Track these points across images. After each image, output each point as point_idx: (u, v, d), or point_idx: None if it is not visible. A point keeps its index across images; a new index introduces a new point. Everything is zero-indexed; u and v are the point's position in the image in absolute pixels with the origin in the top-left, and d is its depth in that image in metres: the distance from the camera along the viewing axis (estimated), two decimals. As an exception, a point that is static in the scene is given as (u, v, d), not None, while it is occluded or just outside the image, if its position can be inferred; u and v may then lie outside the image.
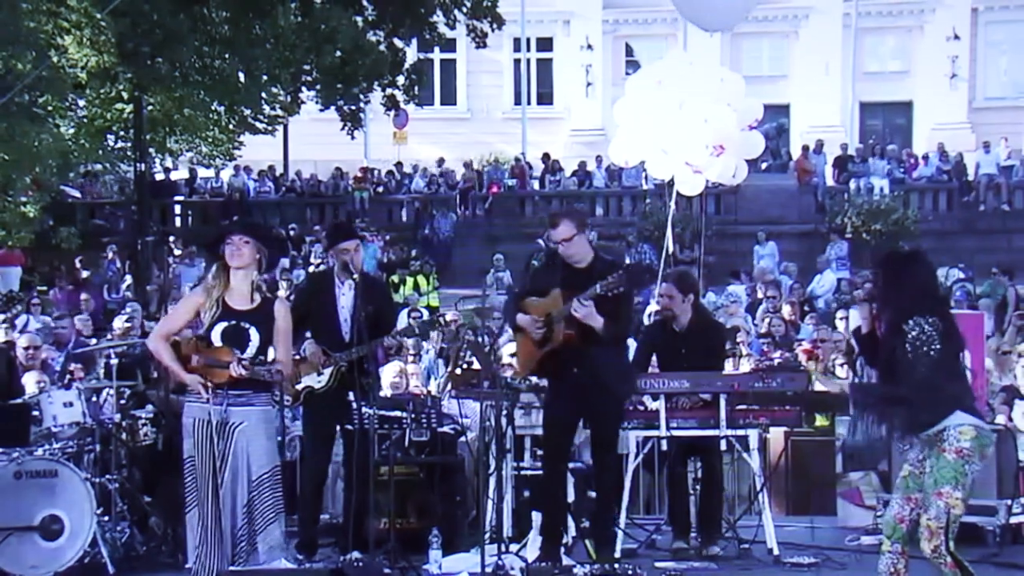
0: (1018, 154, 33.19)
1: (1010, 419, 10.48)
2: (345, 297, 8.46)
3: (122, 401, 9.22)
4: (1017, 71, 37.32)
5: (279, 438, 8.13)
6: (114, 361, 9.22)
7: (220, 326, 7.21)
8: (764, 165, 30.70)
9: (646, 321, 13.45)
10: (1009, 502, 8.36)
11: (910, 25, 39.56)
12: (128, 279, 24.99)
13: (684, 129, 12.72)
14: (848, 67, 37.82)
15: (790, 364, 12.35)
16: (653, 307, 15.05)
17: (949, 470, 6.23)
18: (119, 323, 14.06)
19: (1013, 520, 8.41)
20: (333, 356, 8.33)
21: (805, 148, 33.11)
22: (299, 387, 8.41)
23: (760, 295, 20.51)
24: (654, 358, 8.95)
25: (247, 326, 7.24)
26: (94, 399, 9.30)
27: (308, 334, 8.55)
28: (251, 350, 7.21)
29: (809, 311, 18.55)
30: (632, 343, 9.31)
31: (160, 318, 11.33)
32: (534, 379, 8.43)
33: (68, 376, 11.31)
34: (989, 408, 10.07)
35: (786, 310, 17.42)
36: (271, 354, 7.36)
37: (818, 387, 11.08)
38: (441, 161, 34.77)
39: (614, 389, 8.00)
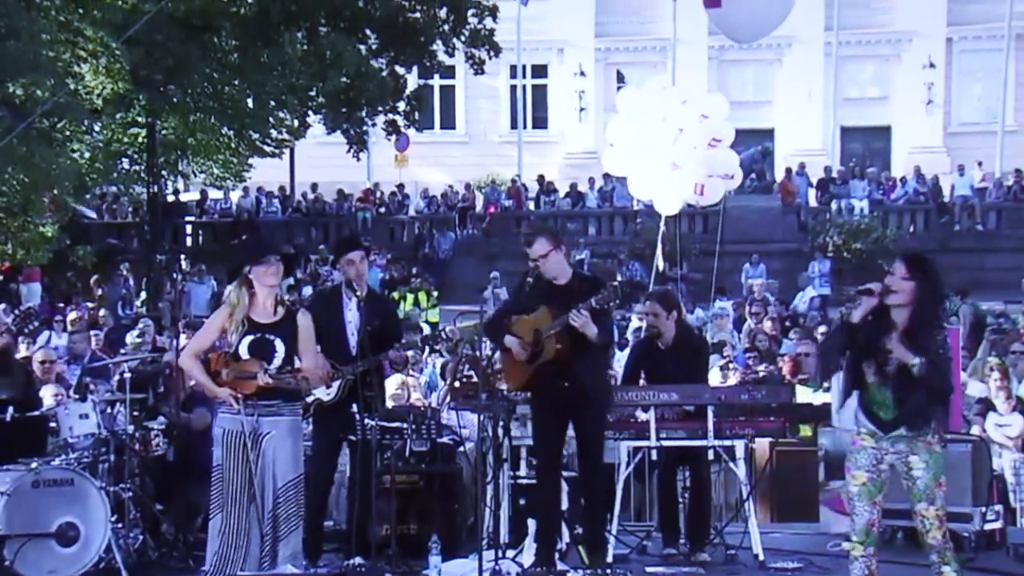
0: (991, 177, 33.28)
1: (984, 430, 10.50)
2: (352, 312, 8.46)
3: (135, 413, 9.21)
4: (990, 97, 37.39)
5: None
6: (127, 375, 9.21)
7: (247, 340, 7.29)
8: (750, 187, 30.76)
9: (630, 335, 13.46)
10: (984, 509, 8.36)
11: (888, 54, 39.67)
12: (141, 296, 24.99)
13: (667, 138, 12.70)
14: (829, 93, 37.90)
15: (775, 377, 12.36)
16: (636, 322, 15.09)
17: (941, 461, 6.29)
18: (131, 338, 14.06)
19: (988, 526, 8.40)
20: (341, 370, 8.33)
21: (788, 170, 33.17)
22: (309, 400, 8.42)
23: (747, 311, 20.49)
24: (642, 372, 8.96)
25: (272, 338, 7.32)
26: (108, 411, 9.28)
27: (317, 348, 8.55)
28: (277, 361, 7.29)
29: (792, 327, 18.53)
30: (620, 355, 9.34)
31: (171, 333, 11.34)
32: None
33: (84, 389, 11.29)
34: (965, 420, 10.09)
35: (768, 325, 17.41)
36: (297, 364, 7.42)
37: (800, 399, 11.07)
38: (449, 188, 34.73)
39: (597, 398, 8.01)
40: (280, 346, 7.32)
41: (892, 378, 6.26)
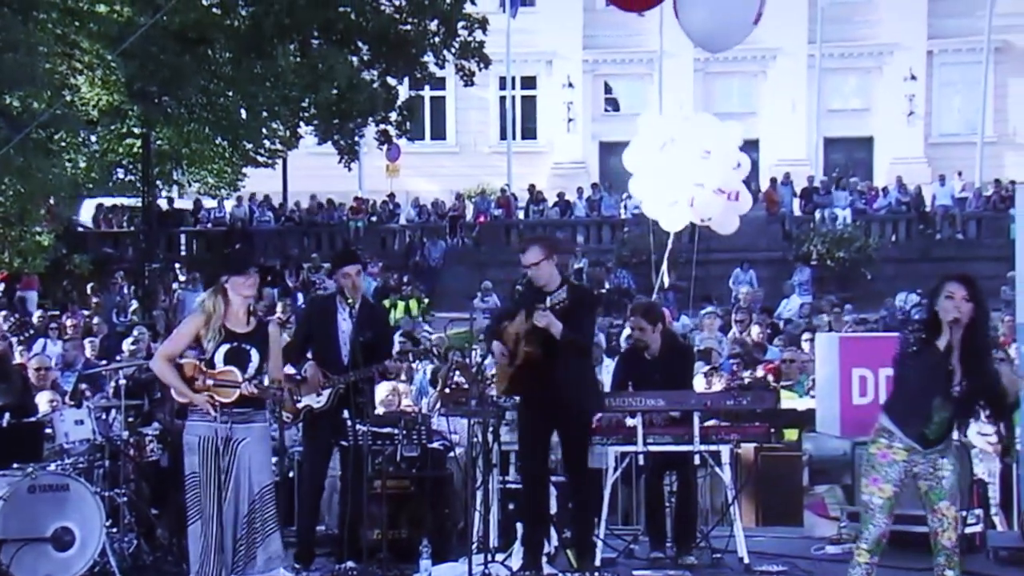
0: (971, 187, 33.38)
1: (964, 435, 10.50)
2: (345, 322, 8.45)
3: (130, 419, 9.20)
4: (970, 109, 37.49)
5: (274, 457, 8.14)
6: (122, 381, 9.19)
7: (223, 348, 7.26)
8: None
9: (623, 343, 13.44)
10: (964, 513, 8.35)
11: (870, 66, 39.78)
12: (135, 304, 24.95)
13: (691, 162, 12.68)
14: (813, 105, 37.99)
15: (760, 383, 12.36)
16: (628, 330, 15.10)
17: (968, 463, 6.34)
18: (127, 345, 14.04)
19: (969, 530, 8.40)
20: (332, 378, 8.33)
21: (773, 180, 33.22)
22: (299, 406, 8.41)
23: (732, 318, 20.48)
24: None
25: (248, 347, 7.30)
26: (103, 417, 9.26)
27: (309, 355, 8.55)
28: (251, 370, 7.27)
29: (775, 334, 18.54)
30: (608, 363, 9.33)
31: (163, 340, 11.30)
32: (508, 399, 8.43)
33: (80, 396, 11.27)
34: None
35: (754, 331, 17.42)
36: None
37: (785, 404, 11.08)
38: (451, 200, 34.67)
39: (580, 403, 8.01)
40: (255, 355, 7.31)
41: (957, 401, 6.27)
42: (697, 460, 8.54)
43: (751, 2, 10.57)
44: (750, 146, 35.43)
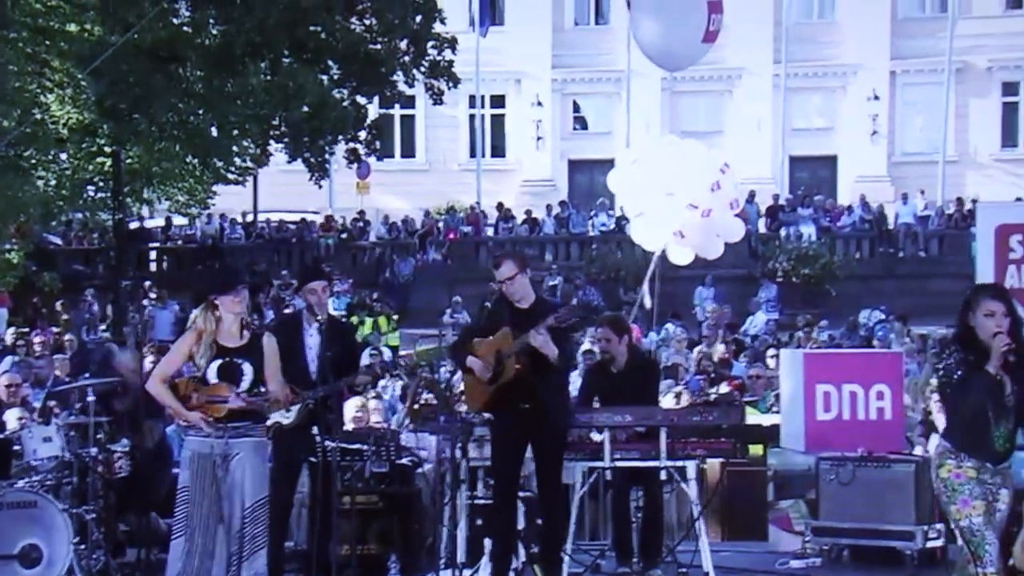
0: (933, 205, 33.63)
1: (926, 451, 10.57)
2: (313, 339, 8.42)
3: (98, 436, 9.14)
4: (932, 129, 37.77)
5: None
6: (91, 398, 9.13)
7: (215, 364, 7.26)
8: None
9: (579, 357, 13.43)
10: (926, 528, 8.41)
11: (834, 86, 40.04)
12: (108, 319, 24.83)
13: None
14: (778, 124, 38.19)
15: (726, 399, 12.39)
16: (587, 345, 15.10)
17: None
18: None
19: (930, 544, 8.46)
20: (301, 394, 8.30)
21: (742, 205, 33.32)
22: (268, 423, 8.36)
23: (703, 334, 20.58)
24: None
25: (240, 361, 7.29)
26: (72, 434, 9.19)
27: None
28: (245, 383, 7.27)
29: (741, 350, 18.62)
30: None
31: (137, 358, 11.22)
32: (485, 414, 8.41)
33: (48, 413, 11.17)
34: (908, 441, 10.16)
35: (719, 348, 17.50)
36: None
37: (750, 420, 11.12)
38: (421, 217, 34.61)
39: (557, 420, 8.01)
40: (248, 369, 7.29)
41: (1011, 410, 6.15)
42: (664, 475, 8.55)
43: (700, 21, 10.64)
44: (716, 164, 35.82)
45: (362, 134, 26.96)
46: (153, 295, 26.65)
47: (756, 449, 10.40)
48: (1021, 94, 39.28)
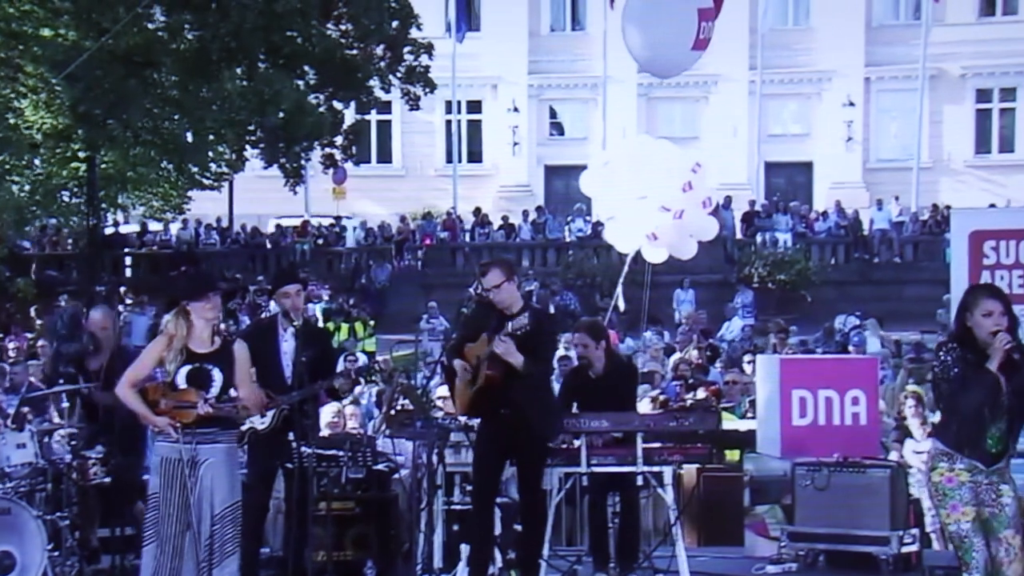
0: (908, 211, 33.80)
1: (901, 456, 10.61)
2: (287, 343, 8.40)
3: (73, 442, 9.08)
4: (906, 135, 38.00)
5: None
6: (65, 404, 9.09)
7: (185, 369, 7.22)
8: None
9: (555, 363, 13.42)
10: (901, 533, 8.43)
11: (809, 92, 40.23)
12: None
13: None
14: (754, 130, 38.32)
15: (702, 405, 12.39)
16: (561, 351, 15.11)
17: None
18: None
19: (905, 549, 8.48)
20: (276, 399, 8.27)
21: (715, 204, 33.40)
22: (243, 428, 8.33)
23: (683, 338, 20.60)
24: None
25: (210, 367, 7.26)
26: (46, 440, 9.14)
27: (253, 377, 8.48)
28: (215, 390, 7.23)
29: (716, 356, 18.65)
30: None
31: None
32: (463, 419, 8.41)
33: (22, 419, 11.10)
34: (882, 446, 10.19)
35: (694, 355, 17.53)
36: (233, 393, 7.36)
37: (726, 426, 11.14)
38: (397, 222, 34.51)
39: (539, 428, 8.00)
40: (218, 375, 7.27)
41: (1008, 410, 6.12)
42: (640, 481, 8.56)
43: (690, 29, 10.66)
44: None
45: (338, 139, 26.97)
46: (129, 300, 26.51)
47: (732, 454, 10.43)
48: (994, 101, 39.55)
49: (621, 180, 12.89)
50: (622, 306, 13.82)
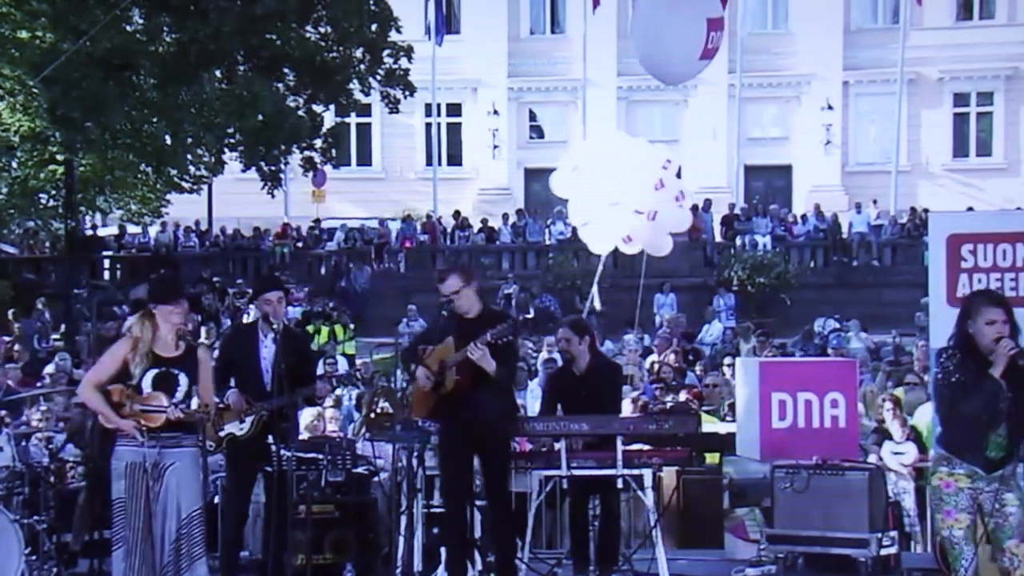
0: (886, 214, 33.91)
1: (880, 458, 10.65)
2: (267, 349, 8.38)
3: (50, 446, 9.05)
4: (885, 139, 38.15)
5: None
6: (44, 407, 9.05)
7: (151, 373, 7.20)
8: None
9: (539, 365, 13.44)
10: (880, 535, 8.46)
11: (788, 96, 40.33)
12: (60, 329, 24.60)
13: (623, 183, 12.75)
14: (733, 133, 38.41)
15: (682, 407, 12.42)
16: (545, 354, 15.12)
17: None
18: (49, 370, 13.83)
19: (884, 552, 8.50)
20: (255, 405, 8.25)
21: (695, 207, 33.34)
22: (222, 434, 8.29)
23: (661, 342, 20.58)
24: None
25: (176, 372, 7.25)
26: (23, 444, 9.10)
27: (232, 382, 8.46)
28: (180, 394, 7.22)
29: (695, 359, 18.67)
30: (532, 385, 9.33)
31: (88, 367, 11.11)
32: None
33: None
34: (861, 449, 10.22)
35: (672, 358, 17.54)
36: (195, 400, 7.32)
37: (706, 428, 11.15)
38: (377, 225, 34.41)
39: (499, 429, 8.04)
40: (184, 380, 7.26)
41: (1008, 416, 6.10)
42: (620, 483, 8.56)
43: (699, 39, 10.67)
44: (672, 173, 36.01)
45: (318, 142, 26.90)
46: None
47: (712, 457, 10.44)
48: (972, 105, 39.74)
49: (593, 184, 12.95)
50: (598, 306, 13.86)
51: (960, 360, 6.15)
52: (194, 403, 7.24)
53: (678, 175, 13.39)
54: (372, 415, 9.97)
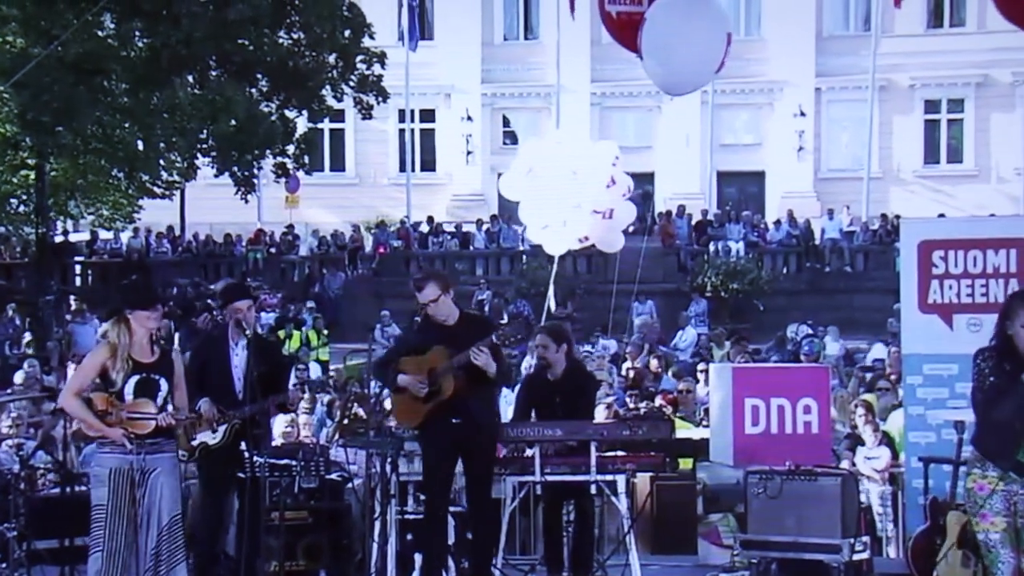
0: (859, 221, 34.06)
1: (853, 464, 10.70)
2: (239, 357, 8.35)
3: (21, 452, 9.00)
4: (857, 145, 38.33)
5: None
6: (15, 413, 9.00)
7: (133, 380, 7.19)
8: (631, 228, 31.09)
9: (524, 371, 13.46)
10: (852, 541, 8.50)
11: (761, 102, 40.47)
12: (28, 336, 24.43)
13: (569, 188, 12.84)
14: (706, 139, 38.50)
15: (655, 413, 12.44)
16: (528, 361, 15.12)
17: None
18: (19, 377, 13.76)
19: (856, 557, 8.54)
20: (228, 413, 8.21)
21: (668, 213, 33.58)
22: (195, 443, 8.25)
23: (633, 348, 20.64)
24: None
25: (156, 377, 7.25)
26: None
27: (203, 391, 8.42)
28: (160, 399, 7.23)
29: (668, 365, 18.71)
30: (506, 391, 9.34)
31: (59, 373, 11.10)
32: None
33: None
34: (834, 454, 10.27)
35: (654, 363, 17.59)
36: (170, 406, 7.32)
37: (680, 434, 11.18)
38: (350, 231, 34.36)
39: (489, 433, 8.04)
40: (164, 385, 7.28)
41: None
42: (594, 489, 8.57)
43: (716, 54, 10.72)
44: (645, 179, 36.09)
45: (291, 148, 26.85)
46: (74, 306, 26.25)
47: (686, 463, 10.47)
48: (943, 112, 39.97)
49: (550, 188, 13.07)
50: (554, 308, 13.97)
51: (996, 362, 6.09)
52: (169, 408, 7.24)
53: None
54: (345, 421, 9.95)
